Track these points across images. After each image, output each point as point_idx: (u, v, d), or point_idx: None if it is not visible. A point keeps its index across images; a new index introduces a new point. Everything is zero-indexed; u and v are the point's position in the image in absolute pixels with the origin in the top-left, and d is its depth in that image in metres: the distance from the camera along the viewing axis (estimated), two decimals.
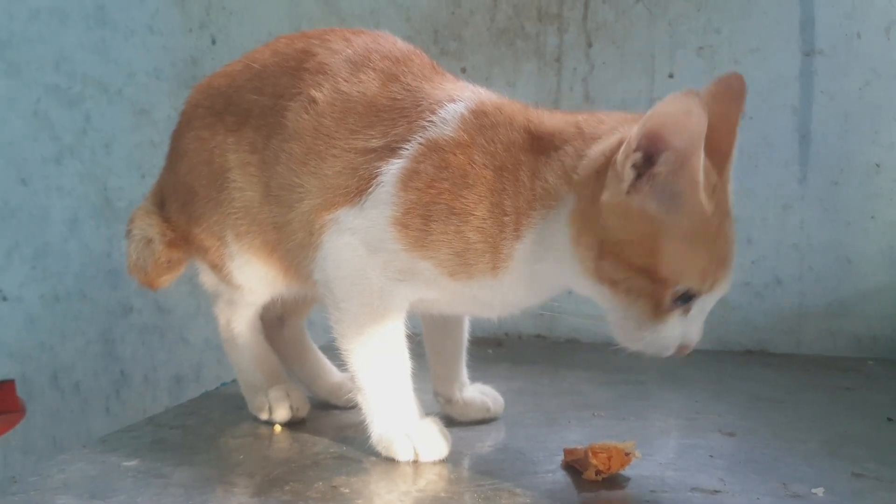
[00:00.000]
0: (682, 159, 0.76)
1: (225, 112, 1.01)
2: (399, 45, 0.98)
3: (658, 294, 0.79)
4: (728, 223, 0.82)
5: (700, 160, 0.76)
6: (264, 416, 1.05)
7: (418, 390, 0.95)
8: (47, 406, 1.88)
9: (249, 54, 1.05)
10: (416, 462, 0.92)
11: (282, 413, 1.04)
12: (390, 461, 0.92)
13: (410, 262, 0.88)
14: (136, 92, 1.82)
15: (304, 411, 1.06)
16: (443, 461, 0.92)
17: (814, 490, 0.85)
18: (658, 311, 0.80)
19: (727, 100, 0.84)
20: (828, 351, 1.47)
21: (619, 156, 0.78)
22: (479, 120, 0.88)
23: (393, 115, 0.91)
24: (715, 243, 0.81)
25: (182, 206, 1.05)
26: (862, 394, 1.25)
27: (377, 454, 0.93)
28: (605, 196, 0.79)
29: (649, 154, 0.77)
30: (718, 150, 0.81)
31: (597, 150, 0.82)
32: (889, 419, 1.12)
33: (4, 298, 1.90)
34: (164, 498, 0.81)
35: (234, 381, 1.26)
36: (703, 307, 0.83)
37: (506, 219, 0.85)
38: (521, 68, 1.60)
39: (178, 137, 1.07)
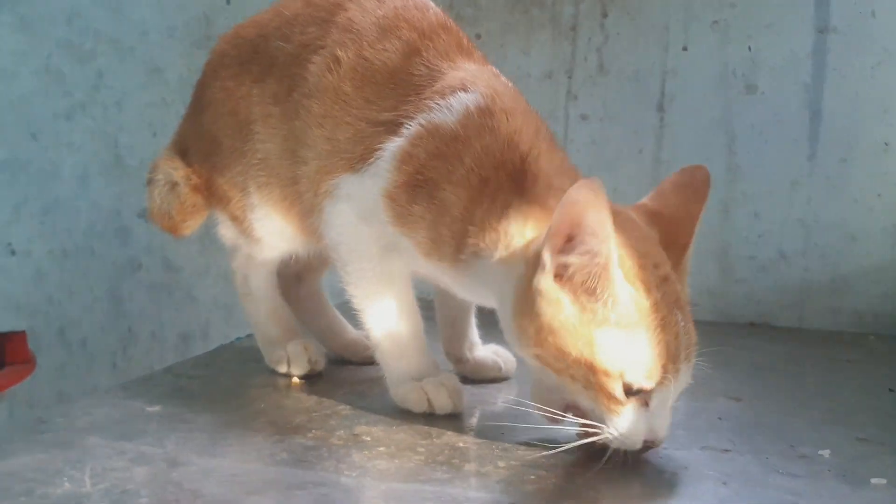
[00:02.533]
0: (595, 250, 0.75)
1: (251, 62, 1.02)
2: (430, 14, 0.97)
3: (606, 386, 0.76)
4: (680, 314, 0.78)
5: (611, 251, 0.75)
6: (282, 368, 1.07)
7: (434, 350, 0.98)
8: (54, 360, 1.89)
9: (281, 2, 1.05)
10: (431, 414, 0.94)
11: (300, 366, 1.06)
12: (407, 413, 0.94)
13: (395, 237, 0.90)
14: (149, 50, 1.82)
15: (321, 365, 1.08)
16: (457, 415, 0.95)
17: (820, 452, 0.88)
18: (613, 401, 0.77)
19: (689, 191, 0.85)
20: (830, 326, 1.49)
21: (542, 243, 0.78)
22: (483, 120, 0.87)
23: (407, 90, 0.92)
24: (659, 336, 0.76)
25: (206, 155, 1.06)
26: (864, 367, 1.28)
27: (394, 407, 0.96)
28: (535, 281, 0.78)
29: (566, 243, 0.77)
30: (676, 241, 0.82)
31: (542, 237, 0.79)
32: (891, 390, 1.14)
33: (13, 252, 1.91)
34: (190, 441, 0.84)
35: (248, 336, 1.28)
36: (662, 401, 0.78)
37: (471, 228, 0.85)
38: (535, 37, 1.60)
39: (203, 87, 1.09)
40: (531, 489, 0.76)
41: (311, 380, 1.07)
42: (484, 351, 1.10)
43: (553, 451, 0.81)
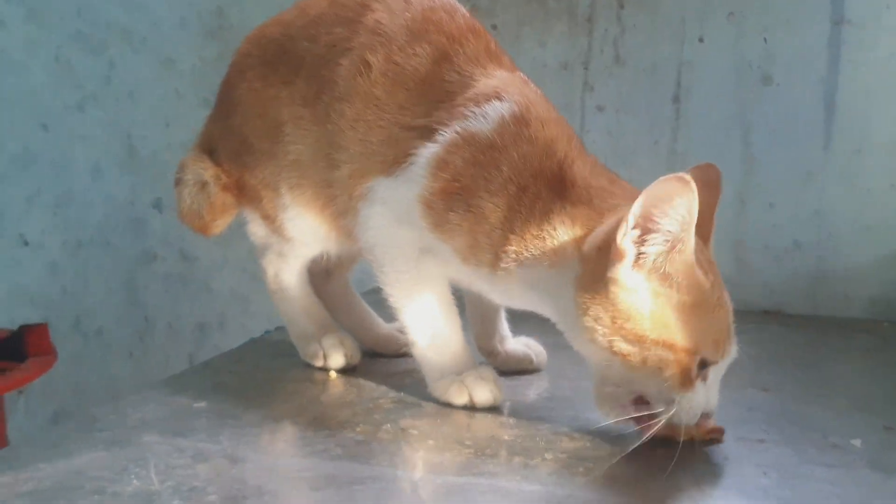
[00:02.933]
0: (676, 239, 0.79)
1: (278, 62, 1.03)
2: (459, 17, 0.98)
3: (684, 363, 0.81)
4: (725, 295, 0.85)
5: (691, 238, 0.80)
6: (319, 363, 1.09)
7: (469, 343, 1.00)
8: (69, 352, 1.90)
9: (305, 0, 1.06)
10: (471, 406, 0.96)
11: (337, 360, 1.08)
12: (447, 407, 0.97)
13: (433, 241, 0.92)
14: (161, 41, 1.83)
15: (356, 359, 1.10)
16: (497, 407, 0.97)
17: (852, 441, 0.91)
18: (687, 379, 0.81)
19: (705, 187, 0.88)
20: (843, 313, 1.52)
21: (618, 235, 0.80)
22: (519, 129, 0.89)
23: (440, 96, 0.93)
24: (719, 314, 0.83)
25: (235, 155, 1.07)
26: (881, 355, 1.31)
27: (434, 399, 0.98)
28: (612, 271, 0.81)
29: (645, 232, 0.80)
30: (700, 233, 0.84)
31: (601, 229, 0.84)
32: None
33: (26, 243, 1.92)
34: (243, 437, 0.86)
35: (277, 329, 1.30)
36: (717, 375, 0.85)
37: (512, 237, 0.88)
38: (551, 28, 1.62)
39: (229, 87, 1.09)
40: (582, 480, 0.78)
41: (347, 374, 1.09)
42: (515, 343, 1.12)
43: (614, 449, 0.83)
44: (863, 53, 1.48)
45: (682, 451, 0.87)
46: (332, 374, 1.08)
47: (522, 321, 1.12)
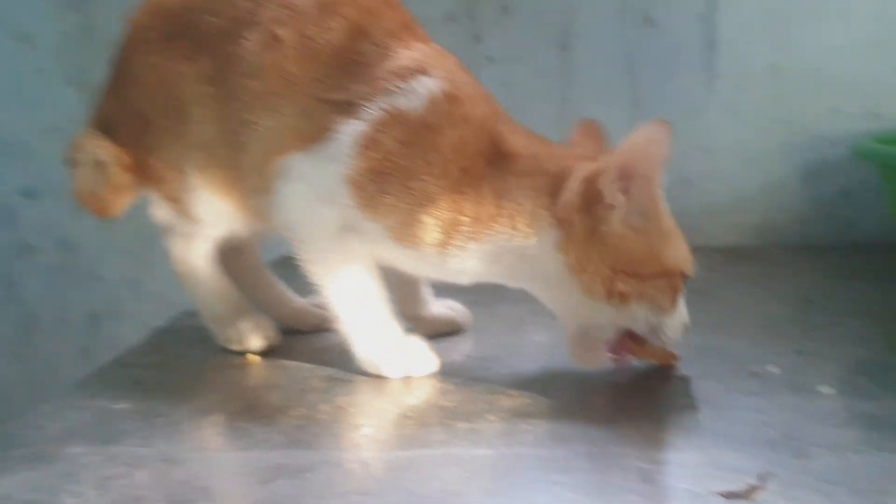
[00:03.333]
0: (652, 180, 0.85)
1: (179, 36, 0.97)
2: None
3: (674, 284, 0.90)
4: None
5: (660, 180, 0.86)
6: (236, 346, 1.05)
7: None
8: None
9: None
10: (406, 378, 0.95)
11: (256, 342, 1.05)
12: (379, 379, 0.95)
13: (360, 220, 0.90)
14: (14, 14, 1.69)
15: (276, 339, 1.07)
16: (430, 375, 0.96)
17: (768, 368, 0.95)
18: (675, 298, 0.90)
19: (596, 138, 0.98)
20: (734, 242, 1.59)
21: (606, 189, 0.84)
22: (453, 107, 0.88)
23: (358, 69, 0.90)
24: (681, 236, 0.92)
25: (135, 135, 1.01)
26: (775, 281, 1.37)
27: (363, 373, 0.96)
28: (605, 226, 0.85)
29: (628, 178, 0.85)
30: None
31: (568, 194, 0.87)
32: (808, 300, 1.24)
33: None
34: (177, 436, 0.82)
35: (183, 314, 1.25)
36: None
37: (463, 218, 0.88)
38: None
39: (124, 62, 1.02)
40: (529, 438, 0.79)
41: (269, 355, 1.05)
42: (439, 307, 1.11)
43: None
44: None
45: (617, 398, 0.90)
46: (254, 357, 1.04)
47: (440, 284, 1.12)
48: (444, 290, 1.12)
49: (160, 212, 1.05)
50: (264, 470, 0.73)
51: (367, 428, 0.83)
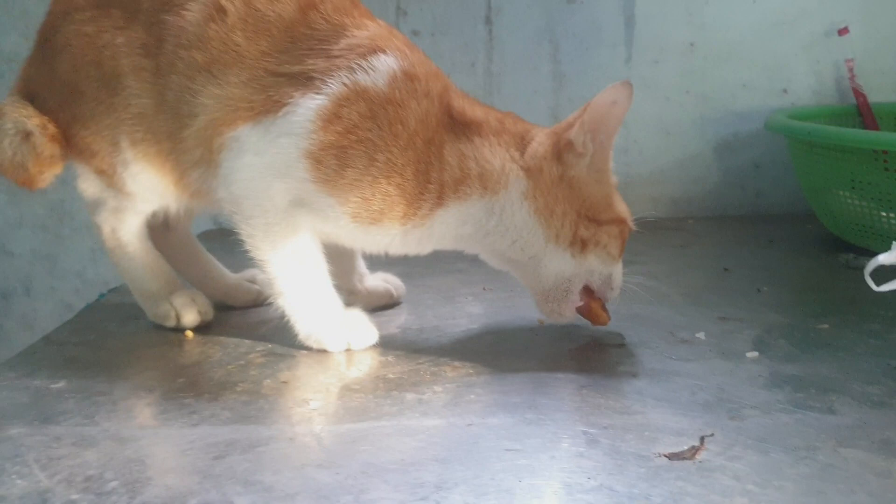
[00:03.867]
0: (609, 137, 0.93)
1: (110, 5, 0.94)
2: None
3: (623, 231, 0.97)
4: None
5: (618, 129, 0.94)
6: (170, 323, 1.04)
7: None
8: None
9: None
10: (347, 351, 0.96)
11: (190, 318, 1.04)
12: (319, 353, 0.96)
13: (315, 196, 0.90)
14: None
15: (210, 315, 1.06)
16: (365, 348, 0.97)
17: (697, 335, 1.00)
18: (622, 247, 0.98)
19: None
20: (651, 215, 1.63)
21: (577, 137, 0.91)
22: (412, 84, 0.90)
23: (311, 43, 0.90)
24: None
25: (64, 104, 0.97)
26: (694, 250, 1.43)
27: (306, 349, 0.96)
28: (573, 171, 0.92)
29: (595, 130, 0.92)
30: None
31: (535, 144, 0.93)
32: (725, 269, 1.30)
33: None
34: (121, 413, 0.81)
35: (111, 291, 1.22)
36: None
37: (430, 186, 0.91)
38: None
39: (52, 29, 0.98)
40: (476, 407, 0.81)
41: (204, 330, 1.04)
42: (374, 280, 1.12)
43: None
44: None
45: (557, 366, 0.93)
46: (189, 333, 1.03)
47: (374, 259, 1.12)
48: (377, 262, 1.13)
49: (88, 185, 1.02)
50: (216, 445, 0.73)
51: (315, 402, 0.83)
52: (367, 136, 0.87)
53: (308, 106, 0.87)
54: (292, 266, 0.94)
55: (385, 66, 0.89)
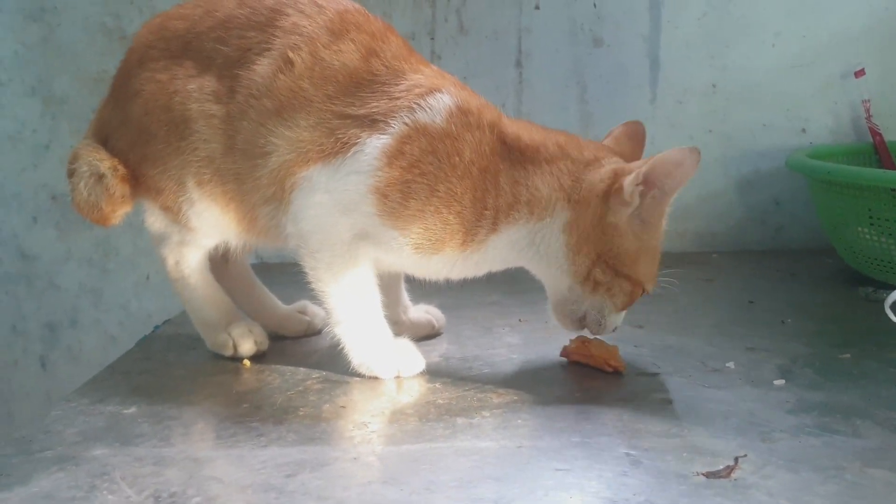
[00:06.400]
0: (666, 196, 0.97)
1: (183, 57, 1.02)
2: (373, 19, 1.03)
3: (636, 294, 1.01)
4: None
5: (674, 196, 0.97)
6: (228, 352, 1.10)
7: None
8: None
9: (209, 1, 1.05)
10: (397, 378, 1.02)
11: (247, 347, 1.10)
12: (372, 380, 1.02)
13: (380, 228, 0.97)
14: None
15: (265, 344, 1.12)
16: (414, 376, 1.03)
17: (727, 364, 1.05)
18: (627, 305, 1.01)
19: (636, 138, 1.09)
20: (677, 248, 1.70)
21: (628, 187, 0.94)
22: (465, 118, 0.97)
23: (373, 88, 0.97)
24: (659, 257, 1.03)
25: (133, 145, 1.05)
26: (720, 283, 1.49)
27: (358, 375, 1.02)
28: (612, 218, 0.96)
29: (649, 187, 0.95)
30: None
31: (595, 177, 0.97)
32: (750, 301, 1.35)
33: None
34: (194, 436, 0.87)
35: (166, 322, 1.28)
36: None
37: (486, 213, 0.97)
38: (395, 0, 1.65)
39: (127, 76, 1.06)
40: (524, 431, 0.86)
41: (260, 360, 1.10)
42: (416, 311, 1.19)
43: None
44: (678, 14, 1.64)
45: (595, 393, 0.98)
46: (246, 362, 1.09)
47: (418, 291, 1.18)
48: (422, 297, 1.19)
49: (154, 220, 1.10)
50: (287, 465, 0.79)
51: (373, 425, 0.89)
52: (429, 168, 0.94)
53: (374, 145, 0.95)
54: (350, 297, 1.00)
55: (441, 103, 0.96)
